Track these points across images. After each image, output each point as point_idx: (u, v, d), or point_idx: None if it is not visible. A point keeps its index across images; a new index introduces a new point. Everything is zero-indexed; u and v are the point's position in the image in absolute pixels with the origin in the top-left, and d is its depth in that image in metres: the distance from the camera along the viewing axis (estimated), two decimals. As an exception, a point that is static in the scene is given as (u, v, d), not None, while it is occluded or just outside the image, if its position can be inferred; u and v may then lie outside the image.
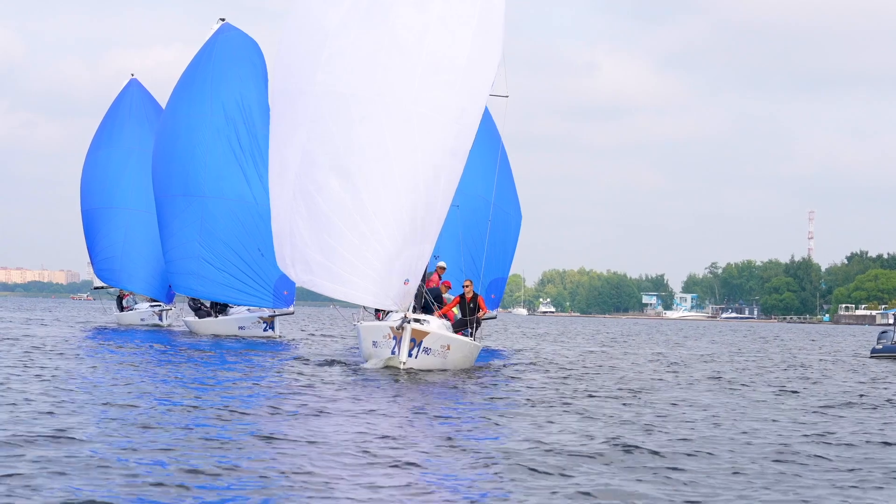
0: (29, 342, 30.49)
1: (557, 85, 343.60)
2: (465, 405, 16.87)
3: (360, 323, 24.63)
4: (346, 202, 22.85)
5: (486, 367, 25.68)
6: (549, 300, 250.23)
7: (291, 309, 38.53)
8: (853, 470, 11.90)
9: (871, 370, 32.08)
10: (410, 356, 22.36)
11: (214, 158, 38.05)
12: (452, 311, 25.08)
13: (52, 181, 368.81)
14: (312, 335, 44.41)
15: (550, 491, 10.07)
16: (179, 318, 44.79)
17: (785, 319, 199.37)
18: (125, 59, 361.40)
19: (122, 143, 46.15)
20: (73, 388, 17.26)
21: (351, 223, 22.82)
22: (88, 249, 46.17)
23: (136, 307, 48.41)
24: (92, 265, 46.48)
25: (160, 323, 45.65)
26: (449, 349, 23.06)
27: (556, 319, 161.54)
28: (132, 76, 47.79)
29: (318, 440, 12.37)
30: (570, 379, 23.60)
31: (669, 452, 12.50)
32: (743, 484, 10.82)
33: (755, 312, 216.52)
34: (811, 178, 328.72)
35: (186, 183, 38.18)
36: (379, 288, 22.82)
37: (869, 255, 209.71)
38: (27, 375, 19.27)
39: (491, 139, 32.15)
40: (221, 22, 40.03)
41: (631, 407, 17.65)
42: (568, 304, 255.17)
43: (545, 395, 19.30)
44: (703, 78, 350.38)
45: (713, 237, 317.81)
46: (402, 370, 22.15)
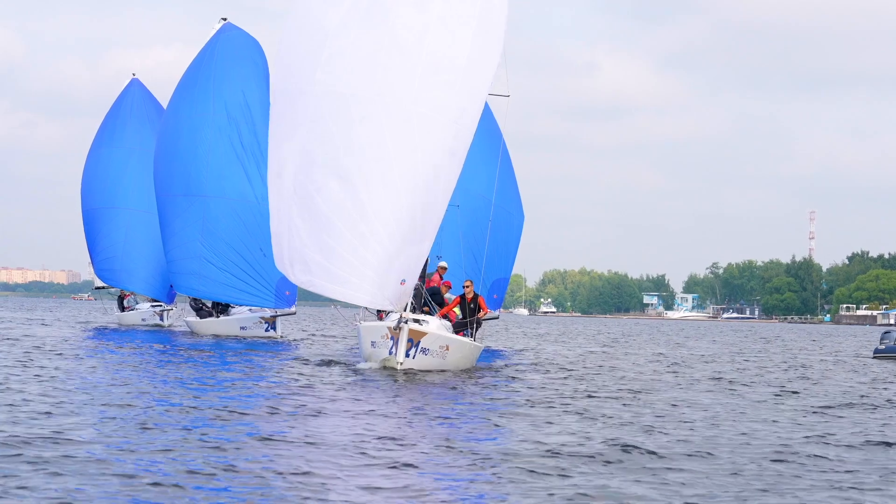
0: (29, 342, 30.49)
1: (557, 85, 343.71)
2: (464, 406, 16.86)
3: (360, 323, 24.63)
4: (345, 202, 22.82)
5: (486, 367, 25.66)
6: (550, 300, 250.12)
7: (293, 309, 38.48)
8: (851, 471, 11.89)
9: (872, 370, 32.04)
10: (408, 356, 22.31)
11: (216, 158, 38.00)
12: (454, 311, 25.03)
13: (52, 181, 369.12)
14: (313, 335, 44.40)
15: (548, 492, 10.06)
16: (181, 318, 44.78)
17: (786, 319, 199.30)
18: (125, 59, 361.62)
19: (123, 142, 46.11)
20: (71, 388, 17.26)
21: (350, 223, 22.79)
22: (89, 249, 46.14)
23: (137, 307, 48.39)
24: (92, 265, 46.48)
25: (161, 323, 45.64)
26: (448, 349, 23.00)
27: (557, 320, 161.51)
28: (133, 76, 47.78)
29: (316, 441, 12.36)
30: (570, 379, 23.59)
31: (669, 453, 12.49)
32: (742, 485, 10.81)
33: (756, 313, 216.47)
34: (811, 178, 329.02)
35: (188, 182, 38.14)
36: (377, 288, 22.78)
37: (870, 255, 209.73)
38: (26, 375, 19.28)
39: (494, 139, 32.08)
40: (223, 21, 39.99)
41: (631, 407, 17.64)
42: (569, 304, 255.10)
43: (545, 395, 19.29)
44: (703, 78, 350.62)
45: (713, 237, 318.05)
46: (399, 371, 22.09)
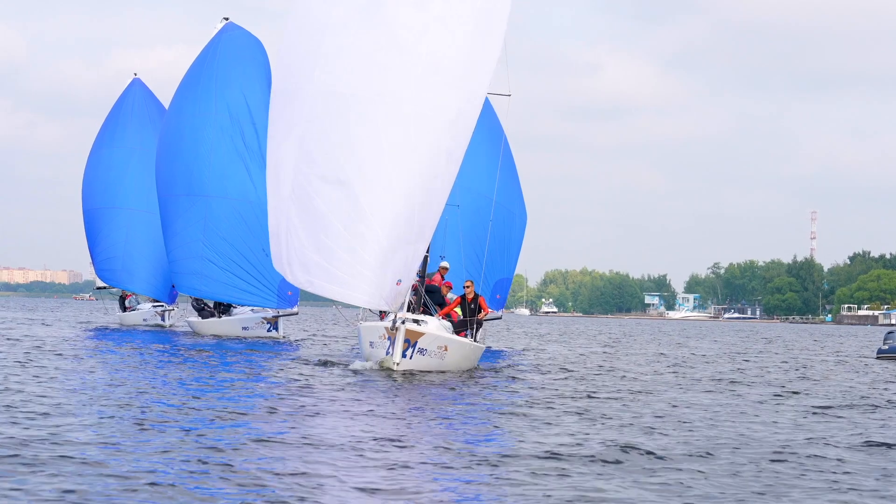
0: (30, 342, 30.49)
1: (558, 85, 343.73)
2: (463, 406, 16.83)
3: (360, 323, 24.59)
4: (343, 202, 22.72)
5: (486, 367, 25.61)
6: (551, 300, 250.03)
7: (295, 309, 38.42)
8: (850, 472, 11.87)
9: (874, 371, 32.00)
10: (405, 357, 22.23)
11: (219, 158, 37.95)
12: (456, 311, 24.97)
13: (53, 181, 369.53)
14: (315, 336, 44.39)
15: (547, 493, 10.04)
16: (182, 318, 44.77)
17: (787, 320, 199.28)
18: (126, 59, 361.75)
19: (124, 142, 46.06)
20: (70, 388, 17.23)
21: (349, 223, 22.69)
22: (90, 249, 46.06)
23: (138, 307, 48.36)
24: (93, 265, 46.45)
25: (162, 323, 45.61)
26: (446, 350, 22.90)
27: (558, 320, 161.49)
28: (135, 75, 47.74)
29: (314, 442, 12.33)
30: (570, 380, 23.57)
31: (668, 454, 12.47)
32: (741, 486, 10.80)
33: (757, 313, 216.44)
34: (812, 178, 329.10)
35: (190, 182, 38.07)
36: (374, 288, 22.70)
37: (871, 255, 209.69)
38: (26, 376, 19.25)
39: (498, 138, 32.03)
40: (225, 21, 39.93)
41: (631, 408, 17.62)
42: (570, 304, 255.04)
43: (545, 396, 19.27)
44: (703, 78, 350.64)
45: (714, 237, 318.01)
46: (395, 371, 22.00)
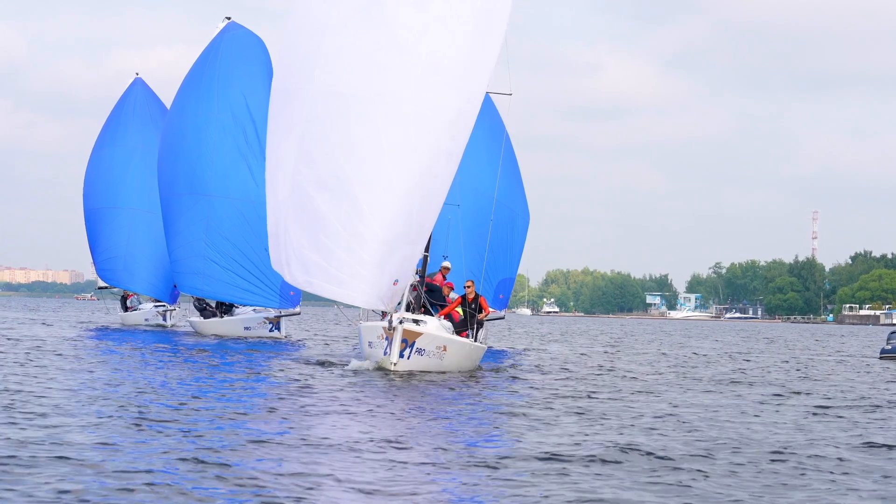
0: (30, 342, 30.50)
1: (558, 85, 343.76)
2: (463, 407, 16.81)
3: (360, 323, 24.56)
4: (342, 202, 22.67)
5: (487, 367, 25.59)
6: (552, 300, 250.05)
7: (297, 309, 38.35)
8: (849, 473, 11.86)
9: (876, 371, 31.97)
10: (402, 357, 22.16)
11: (221, 157, 37.88)
12: (457, 311, 24.91)
13: (53, 181, 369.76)
14: (316, 336, 44.39)
15: (546, 494, 10.04)
16: (184, 318, 44.75)
17: (789, 319, 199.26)
18: (126, 59, 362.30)
19: (125, 142, 46.05)
20: (70, 388, 17.22)
21: (348, 223, 22.61)
22: (91, 249, 46.04)
23: (140, 307, 48.38)
24: (94, 265, 46.44)
25: (164, 323, 45.62)
26: (445, 350, 22.83)
27: (559, 319, 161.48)
28: (137, 75, 47.72)
29: (313, 442, 12.31)
30: (570, 380, 23.55)
31: (668, 455, 12.45)
32: (741, 487, 10.79)
33: (759, 312, 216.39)
34: (812, 178, 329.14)
35: (193, 181, 38.02)
36: (371, 288, 22.66)
37: (873, 255, 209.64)
38: (25, 376, 19.25)
39: (500, 138, 31.99)
40: (227, 20, 39.90)
41: (631, 409, 17.61)
42: (572, 304, 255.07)
43: (545, 396, 19.26)
44: (703, 78, 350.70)
45: (714, 237, 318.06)
46: (392, 371, 21.92)
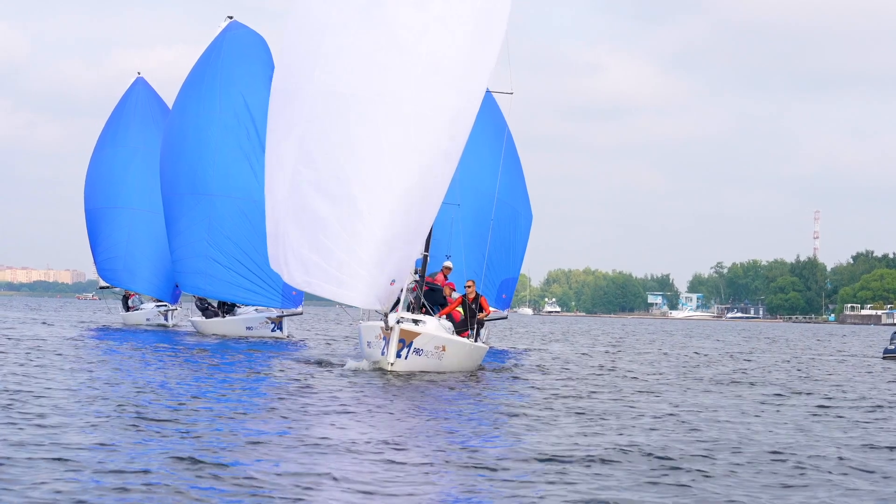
0: (31, 342, 30.49)
1: (558, 85, 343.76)
2: (462, 407, 16.78)
3: (361, 322, 24.53)
4: (342, 202, 22.65)
5: (488, 367, 25.55)
6: (554, 300, 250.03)
7: (300, 309, 38.26)
8: (849, 474, 11.85)
9: (876, 370, 31.95)
10: (399, 357, 22.08)
11: (223, 156, 37.80)
12: (458, 311, 24.88)
13: (54, 181, 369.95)
14: (318, 336, 44.38)
15: (545, 494, 10.03)
16: (185, 318, 44.73)
17: (790, 319, 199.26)
18: (126, 59, 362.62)
19: (127, 142, 46.02)
20: (69, 388, 17.20)
21: (347, 223, 22.59)
22: (91, 249, 46.02)
23: (141, 307, 48.37)
24: (95, 265, 46.42)
25: (165, 323, 45.62)
26: (444, 350, 22.77)
27: (561, 319, 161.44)
28: (139, 74, 47.70)
29: (312, 442, 12.29)
30: (571, 380, 23.53)
31: (668, 455, 12.44)
32: (741, 487, 10.79)
33: (760, 312, 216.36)
34: (812, 178, 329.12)
35: (195, 181, 37.94)
36: (369, 288, 22.63)
37: (874, 254, 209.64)
38: (24, 376, 19.25)
39: (502, 137, 31.95)
40: (229, 20, 39.86)
41: (632, 408, 17.61)
42: (573, 303, 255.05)
43: (546, 396, 19.23)
44: (703, 78, 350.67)
45: (715, 237, 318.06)
46: (389, 372, 21.85)
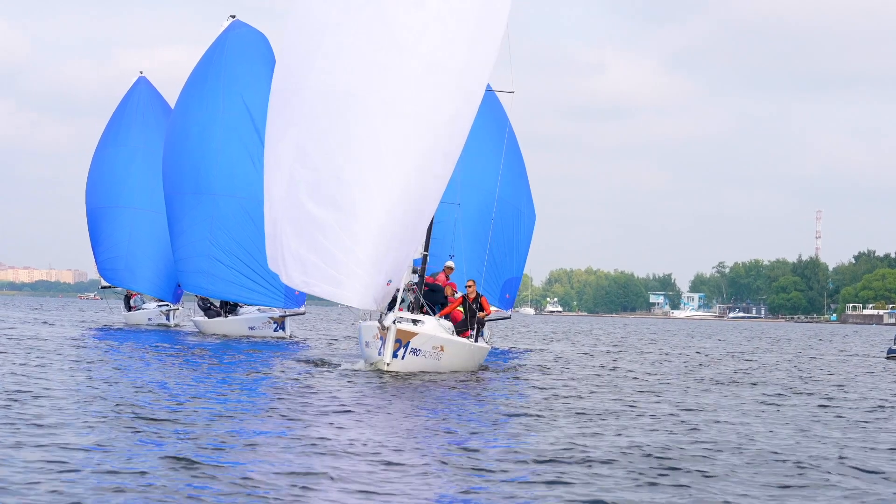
0: (32, 342, 30.49)
1: (559, 85, 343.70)
2: (462, 407, 16.75)
3: (360, 322, 24.51)
4: (340, 202, 22.62)
5: (489, 368, 25.51)
6: (556, 300, 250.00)
7: (302, 309, 38.19)
8: (848, 474, 11.85)
9: (878, 370, 31.94)
10: (396, 357, 21.98)
11: (226, 155, 37.71)
12: (459, 310, 24.85)
13: (56, 181, 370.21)
14: (320, 335, 44.38)
15: (545, 495, 10.03)
16: (188, 318, 44.69)
17: (792, 319, 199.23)
18: (128, 59, 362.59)
19: (128, 141, 45.96)
20: (69, 388, 17.18)
21: (345, 223, 22.55)
22: (93, 248, 45.94)
23: (143, 307, 48.35)
24: (96, 264, 46.38)
25: (167, 323, 45.59)
26: (443, 350, 22.69)
27: (563, 319, 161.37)
28: (141, 73, 47.62)
29: (310, 443, 12.27)
30: (572, 380, 23.52)
31: (668, 455, 12.44)
32: (741, 487, 10.79)
33: (762, 312, 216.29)
34: (813, 178, 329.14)
35: (197, 180, 37.84)
36: (366, 288, 22.59)
37: (876, 254, 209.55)
38: (24, 375, 19.25)
39: (507, 137, 31.92)
40: (232, 19, 39.80)
41: (632, 409, 17.60)
42: (575, 303, 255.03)
43: (545, 396, 19.21)
44: (704, 78, 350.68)
45: (715, 237, 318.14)
46: (386, 372, 21.76)
